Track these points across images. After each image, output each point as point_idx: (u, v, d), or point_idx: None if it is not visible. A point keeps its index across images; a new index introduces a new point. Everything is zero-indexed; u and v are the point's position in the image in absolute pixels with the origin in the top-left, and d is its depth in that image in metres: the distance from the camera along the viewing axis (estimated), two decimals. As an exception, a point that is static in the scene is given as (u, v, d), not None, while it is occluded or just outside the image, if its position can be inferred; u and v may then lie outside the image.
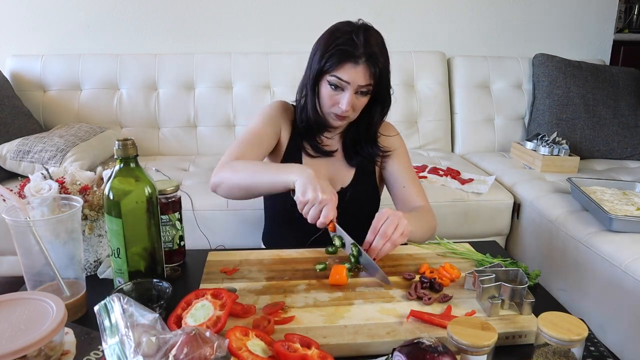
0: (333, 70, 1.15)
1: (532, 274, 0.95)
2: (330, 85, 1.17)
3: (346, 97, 1.16)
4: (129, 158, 0.83)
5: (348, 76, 1.14)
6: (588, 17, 2.85)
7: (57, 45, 2.52)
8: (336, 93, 1.18)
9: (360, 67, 1.14)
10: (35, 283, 0.83)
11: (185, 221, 1.05)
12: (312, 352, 0.69)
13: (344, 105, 1.17)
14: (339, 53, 1.14)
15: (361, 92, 1.18)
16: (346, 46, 1.14)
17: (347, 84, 1.16)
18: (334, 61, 1.15)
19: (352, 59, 1.14)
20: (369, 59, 1.14)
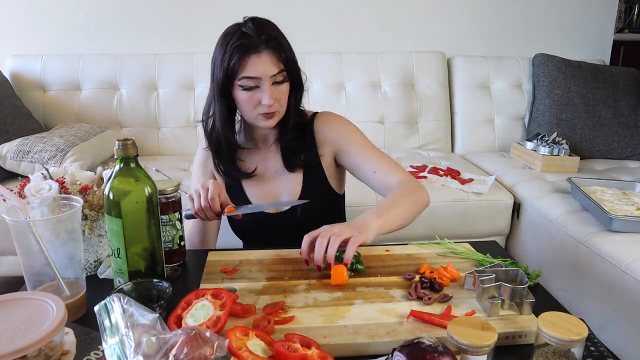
0: (239, 71, 1.07)
1: (532, 274, 0.95)
2: (244, 89, 1.09)
3: (266, 92, 1.07)
4: (129, 158, 0.83)
5: (256, 70, 1.06)
6: (588, 17, 2.85)
7: (57, 45, 2.52)
8: (253, 93, 1.09)
9: (263, 56, 1.07)
10: (35, 283, 0.83)
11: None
12: (312, 352, 0.69)
13: (266, 100, 1.08)
14: (236, 50, 1.06)
15: (276, 81, 1.09)
16: (240, 40, 1.07)
17: (259, 79, 1.07)
18: (235, 61, 1.06)
19: (253, 51, 1.06)
20: (269, 44, 1.07)
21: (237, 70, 1.07)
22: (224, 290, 0.76)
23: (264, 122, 1.13)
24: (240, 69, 1.07)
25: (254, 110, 1.11)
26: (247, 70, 1.07)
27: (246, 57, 1.06)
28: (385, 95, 2.54)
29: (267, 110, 1.10)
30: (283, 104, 1.14)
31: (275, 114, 1.13)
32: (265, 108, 1.09)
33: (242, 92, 1.09)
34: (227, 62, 1.07)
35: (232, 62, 1.07)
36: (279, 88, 1.11)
